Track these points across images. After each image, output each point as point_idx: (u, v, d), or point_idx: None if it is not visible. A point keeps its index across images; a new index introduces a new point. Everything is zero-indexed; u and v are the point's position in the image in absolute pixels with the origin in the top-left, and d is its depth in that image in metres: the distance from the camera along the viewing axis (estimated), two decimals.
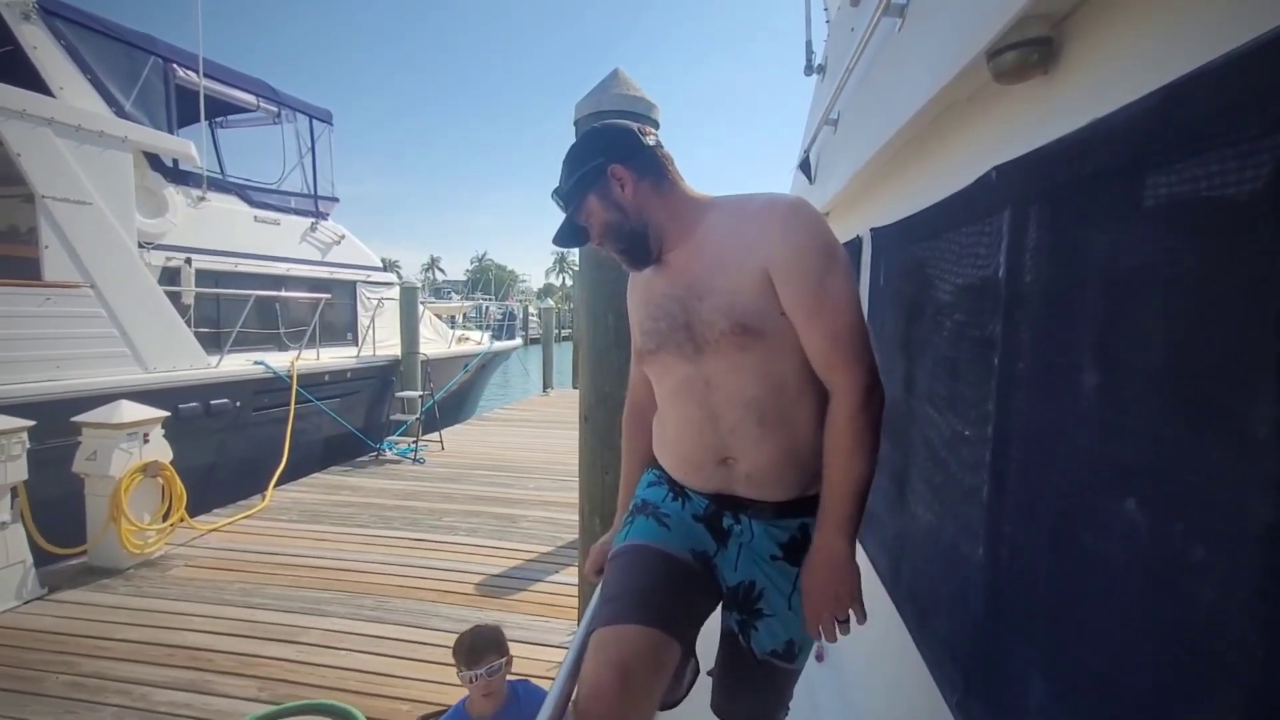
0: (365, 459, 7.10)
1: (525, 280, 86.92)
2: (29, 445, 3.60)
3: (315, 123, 8.29)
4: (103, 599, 3.60)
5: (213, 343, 6.08)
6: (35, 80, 5.02)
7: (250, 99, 7.55)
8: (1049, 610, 0.76)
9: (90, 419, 4.03)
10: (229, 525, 4.83)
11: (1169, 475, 0.55)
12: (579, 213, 1.12)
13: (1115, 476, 0.63)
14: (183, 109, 6.49)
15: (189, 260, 6.02)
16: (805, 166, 3.08)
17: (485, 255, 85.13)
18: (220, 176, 7.08)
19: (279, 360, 6.64)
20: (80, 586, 3.74)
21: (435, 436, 7.73)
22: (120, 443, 3.98)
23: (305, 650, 3.04)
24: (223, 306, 6.41)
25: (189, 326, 5.80)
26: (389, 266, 11.57)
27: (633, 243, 1.11)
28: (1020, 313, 0.86)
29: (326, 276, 7.81)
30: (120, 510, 3.91)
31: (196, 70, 6.54)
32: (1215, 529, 0.50)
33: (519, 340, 14.23)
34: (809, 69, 3.37)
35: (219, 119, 7.91)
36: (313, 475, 6.38)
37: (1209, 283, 0.52)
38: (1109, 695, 0.63)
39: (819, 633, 1.06)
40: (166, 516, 4.28)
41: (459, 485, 6.02)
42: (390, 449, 7.23)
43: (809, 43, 3.29)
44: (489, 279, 63.70)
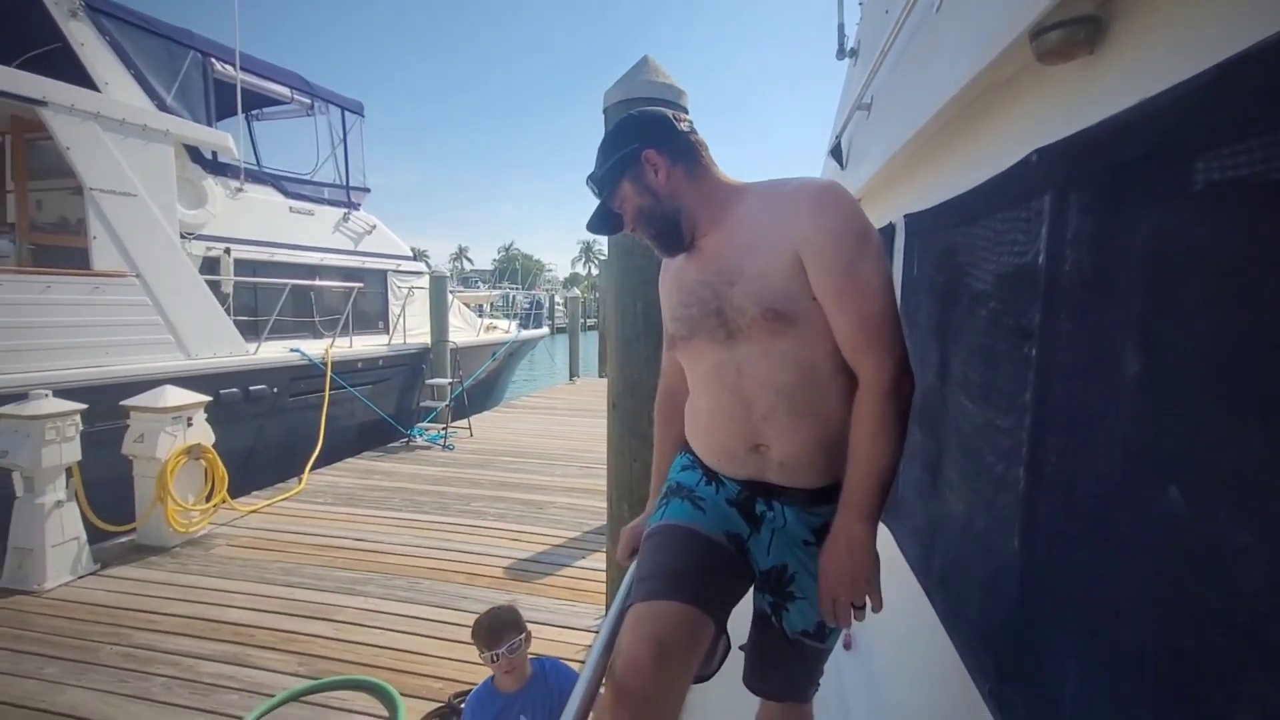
0: (396, 445, 7.27)
1: (551, 270, 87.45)
2: (81, 428, 3.77)
3: (347, 114, 8.41)
4: (151, 575, 3.77)
5: (251, 330, 6.25)
6: (82, 76, 5.17)
7: (284, 91, 7.70)
8: (1086, 598, 0.75)
9: (137, 403, 4.19)
10: (268, 507, 5.00)
11: (1214, 462, 0.55)
12: (613, 198, 1.13)
13: (1157, 464, 0.62)
14: (220, 102, 6.65)
15: (228, 250, 6.20)
16: (836, 152, 3.04)
17: (512, 245, 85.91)
18: (257, 168, 7.25)
19: (314, 348, 6.82)
20: (130, 563, 3.92)
21: (464, 423, 7.87)
22: (165, 426, 4.14)
23: (341, 628, 3.15)
24: (260, 295, 6.58)
25: (228, 315, 5.98)
26: (418, 256, 11.73)
27: (665, 228, 1.12)
28: (1060, 300, 0.84)
29: (359, 266, 7.97)
30: (166, 491, 4.08)
31: (233, 64, 6.69)
32: (1262, 513, 0.49)
33: (546, 329, 14.35)
34: (841, 53, 3.31)
35: (255, 112, 8.09)
36: (347, 460, 6.56)
37: (1260, 270, 0.51)
38: (1147, 683, 0.62)
39: (833, 616, 1.05)
40: (209, 497, 4.45)
41: (487, 471, 6.13)
42: (420, 435, 7.38)
43: (841, 26, 3.22)
44: (516, 268, 64.16)
